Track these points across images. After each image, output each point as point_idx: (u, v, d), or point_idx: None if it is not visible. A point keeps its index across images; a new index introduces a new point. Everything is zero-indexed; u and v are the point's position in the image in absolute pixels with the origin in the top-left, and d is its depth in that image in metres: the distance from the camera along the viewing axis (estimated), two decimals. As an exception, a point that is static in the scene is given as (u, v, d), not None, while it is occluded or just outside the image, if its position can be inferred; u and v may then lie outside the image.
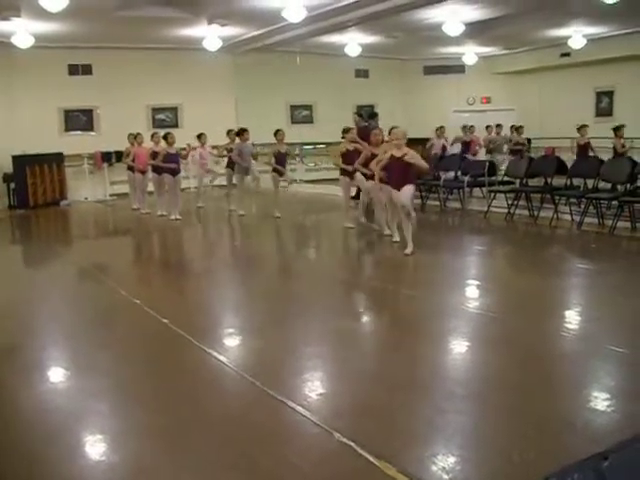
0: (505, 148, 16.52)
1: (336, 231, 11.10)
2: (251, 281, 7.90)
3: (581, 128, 13.83)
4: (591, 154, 13.37)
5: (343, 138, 10.66)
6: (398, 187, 8.52)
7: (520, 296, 6.70)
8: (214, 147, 14.32)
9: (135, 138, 13.90)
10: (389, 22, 14.39)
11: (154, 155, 12.82)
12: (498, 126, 16.97)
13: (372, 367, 4.86)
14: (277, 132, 12.16)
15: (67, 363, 5.27)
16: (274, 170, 12.05)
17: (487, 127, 17.27)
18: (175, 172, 12.55)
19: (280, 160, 12.08)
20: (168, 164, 12.40)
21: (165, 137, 12.71)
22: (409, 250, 8.42)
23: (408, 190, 8.50)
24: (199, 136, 13.98)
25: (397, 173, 8.58)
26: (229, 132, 13.91)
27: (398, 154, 8.51)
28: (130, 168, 14.01)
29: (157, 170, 12.80)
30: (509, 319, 5.80)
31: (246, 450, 3.60)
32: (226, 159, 13.74)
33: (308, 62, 18.51)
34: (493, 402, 4.08)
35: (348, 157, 10.43)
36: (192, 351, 5.22)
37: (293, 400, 4.10)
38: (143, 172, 13.62)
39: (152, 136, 13.36)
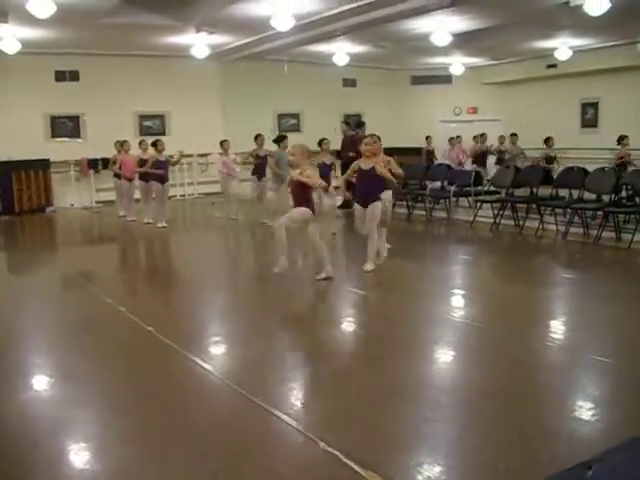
0: (521, 159, 15.84)
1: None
2: (238, 289, 7.89)
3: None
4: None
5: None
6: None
7: (505, 305, 6.72)
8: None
9: (122, 145, 13.77)
10: (377, 32, 14.44)
11: (142, 162, 12.78)
12: (514, 135, 16.28)
13: (357, 376, 4.86)
14: (322, 141, 11.23)
15: (51, 370, 5.23)
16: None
17: (474, 137, 17.36)
18: (163, 180, 12.53)
19: (324, 173, 10.58)
20: (156, 171, 12.37)
21: (154, 144, 12.68)
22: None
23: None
24: (222, 143, 13.45)
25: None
26: (257, 137, 13.02)
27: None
28: (117, 175, 13.88)
29: (144, 177, 12.78)
30: (494, 328, 5.82)
31: (230, 459, 3.58)
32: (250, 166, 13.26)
33: (296, 71, 18.55)
34: (478, 411, 4.08)
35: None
36: (177, 359, 5.20)
37: (278, 408, 4.09)
38: (130, 179, 13.53)
39: (140, 143, 13.30)
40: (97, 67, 16.71)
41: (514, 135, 16.23)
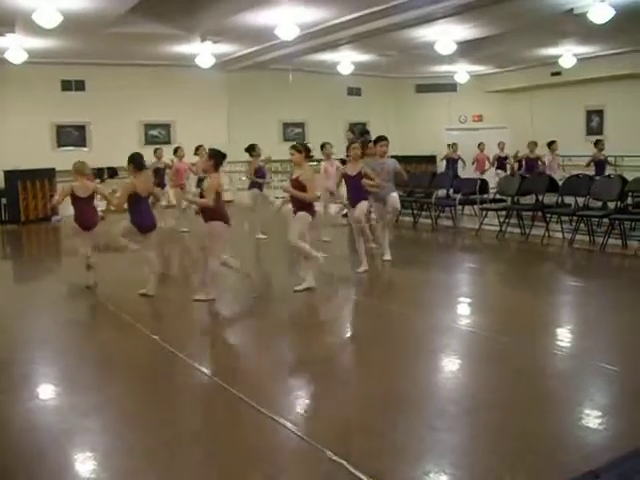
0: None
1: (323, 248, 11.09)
2: (245, 299, 7.89)
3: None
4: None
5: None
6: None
7: (512, 314, 6.70)
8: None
9: (176, 152, 13.10)
10: (381, 41, 14.47)
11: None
12: (553, 143, 15.24)
13: (363, 385, 4.85)
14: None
15: (57, 380, 5.23)
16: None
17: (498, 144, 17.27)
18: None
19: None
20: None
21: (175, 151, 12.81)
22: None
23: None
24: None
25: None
26: (252, 149, 12.30)
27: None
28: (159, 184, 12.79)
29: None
30: (501, 337, 5.80)
31: (236, 468, 3.57)
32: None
33: (301, 80, 18.59)
34: (485, 420, 4.07)
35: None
36: (182, 368, 5.20)
37: (284, 417, 4.08)
38: (182, 187, 12.94)
39: (197, 149, 12.74)
40: (103, 77, 16.80)
41: (533, 143, 15.90)
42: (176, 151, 13.05)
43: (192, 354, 5.42)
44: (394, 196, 9.25)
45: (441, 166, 18.87)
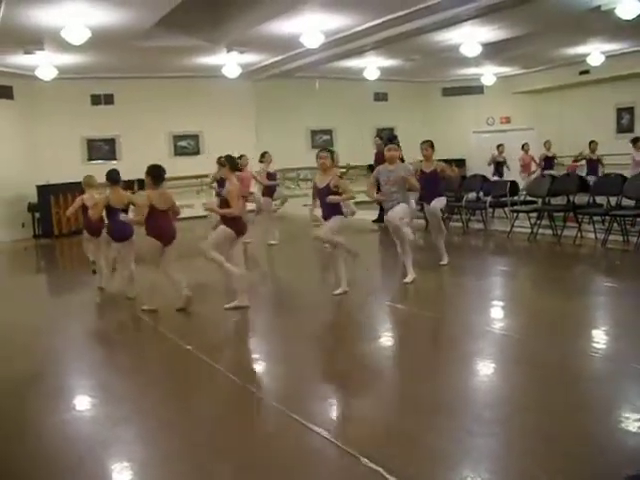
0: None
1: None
2: (277, 304, 7.91)
3: None
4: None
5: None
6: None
7: (545, 316, 6.62)
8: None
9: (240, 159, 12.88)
10: (407, 45, 14.45)
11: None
12: (593, 143, 15.47)
13: (398, 390, 4.83)
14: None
15: (92, 390, 5.28)
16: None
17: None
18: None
19: None
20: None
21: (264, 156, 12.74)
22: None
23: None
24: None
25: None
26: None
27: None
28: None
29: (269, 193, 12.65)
30: (535, 340, 5.74)
31: (271, 476, 3.57)
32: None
33: (327, 87, 18.63)
34: (521, 425, 4.02)
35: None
36: (216, 377, 5.22)
37: (318, 424, 4.07)
38: (247, 197, 12.32)
39: (262, 156, 12.73)
40: (131, 90, 17.00)
41: (595, 143, 15.61)
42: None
43: (225, 363, 5.44)
44: (397, 210, 8.02)
45: (485, 170, 17.92)
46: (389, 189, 8.06)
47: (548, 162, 16.46)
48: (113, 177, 8.28)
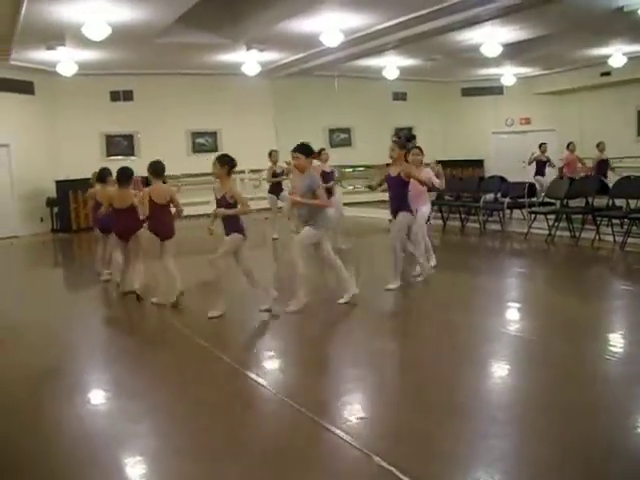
0: None
1: (363, 255, 11.07)
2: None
3: None
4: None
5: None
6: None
7: (562, 319, 6.58)
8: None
9: (270, 155, 13.02)
10: (427, 45, 14.42)
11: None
12: (601, 143, 15.09)
13: (412, 390, 4.81)
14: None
15: (106, 384, 5.31)
16: None
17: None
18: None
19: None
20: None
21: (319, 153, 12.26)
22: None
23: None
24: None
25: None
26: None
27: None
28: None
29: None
30: (551, 342, 5.70)
31: (285, 473, 3.57)
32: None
33: (346, 85, 18.62)
34: (536, 427, 3.99)
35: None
36: (231, 374, 5.23)
37: (332, 423, 4.07)
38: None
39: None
40: (150, 86, 17.09)
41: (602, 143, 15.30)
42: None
43: (242, 361, 5.45)
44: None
45: (526, 171, 17.22)
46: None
47: (602, 166, 15.11)
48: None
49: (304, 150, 6.85)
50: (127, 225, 7.96)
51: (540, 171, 15.84)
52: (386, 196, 8.07)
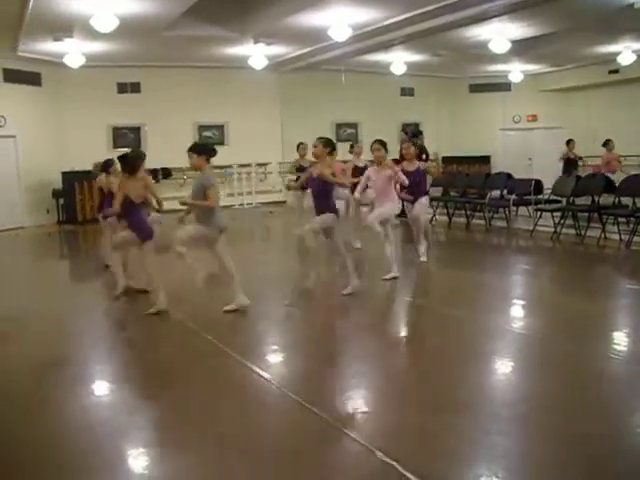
0: None
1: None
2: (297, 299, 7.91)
3: None
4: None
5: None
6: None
7: (567, 317, 6.57)
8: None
9: (298, 148, 12.01)
10: (434, 40, 14.38)
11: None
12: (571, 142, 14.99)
13: (415, 386, 4.81)
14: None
15: (111, 377, 5.32)
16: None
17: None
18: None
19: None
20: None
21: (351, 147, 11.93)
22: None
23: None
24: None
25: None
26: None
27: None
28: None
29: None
30: (556, 340, 5.69)
31: (287, 467, 3.58)
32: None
33: (353, 80, 18.57)
34: (539, 424, 3.99)
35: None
36: (235, 367, 5.23)
37: (335, 418, 4.07)
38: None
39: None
40: (157, 79, 17.09)
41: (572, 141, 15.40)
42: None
43: (246, 355, 5.45)
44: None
45: (531, 168, 16.71)
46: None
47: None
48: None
49: (198, 149, 6.71)
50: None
51: (567, 170, 14.85)
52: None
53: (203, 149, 6.75)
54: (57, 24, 11.75)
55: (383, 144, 8.19)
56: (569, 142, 15.49)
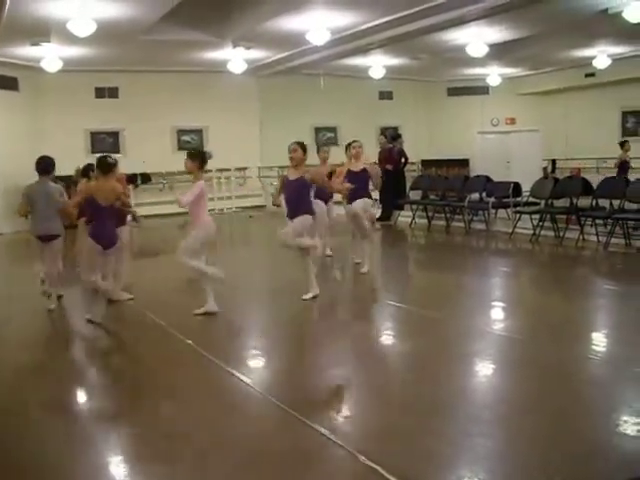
0: None
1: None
2: (280, 304, 7.90)
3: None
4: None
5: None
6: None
7: (546, 318, 6.62)
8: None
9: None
10: (413, 44, 14.42)
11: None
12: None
13: (397, 390, 4.82)
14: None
15: (90, 383, 5.29)
16: None
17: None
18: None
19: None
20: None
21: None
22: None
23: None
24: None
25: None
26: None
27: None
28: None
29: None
30: (535, 342, 5.73)
31: (270, 472, 3.57)
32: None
33: (332, 84, 18.60)
34: (519, 425, 4.02)
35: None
36: (216, 372, 5.21)
37: (317, 422, 4.07)
38: None
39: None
40: (136, 83, 17.00)
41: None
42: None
43: (227, 360, 5.44)
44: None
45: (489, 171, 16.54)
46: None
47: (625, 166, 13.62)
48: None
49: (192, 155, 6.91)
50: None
51: (622, 173, 13.30)
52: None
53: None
54: (34, 28, 11.64)
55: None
56: (624, 144, 14.07)
